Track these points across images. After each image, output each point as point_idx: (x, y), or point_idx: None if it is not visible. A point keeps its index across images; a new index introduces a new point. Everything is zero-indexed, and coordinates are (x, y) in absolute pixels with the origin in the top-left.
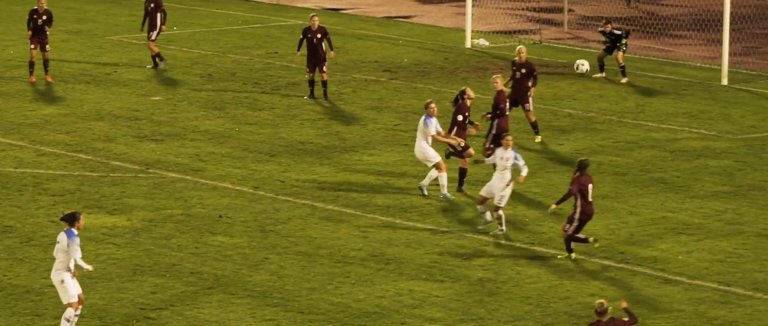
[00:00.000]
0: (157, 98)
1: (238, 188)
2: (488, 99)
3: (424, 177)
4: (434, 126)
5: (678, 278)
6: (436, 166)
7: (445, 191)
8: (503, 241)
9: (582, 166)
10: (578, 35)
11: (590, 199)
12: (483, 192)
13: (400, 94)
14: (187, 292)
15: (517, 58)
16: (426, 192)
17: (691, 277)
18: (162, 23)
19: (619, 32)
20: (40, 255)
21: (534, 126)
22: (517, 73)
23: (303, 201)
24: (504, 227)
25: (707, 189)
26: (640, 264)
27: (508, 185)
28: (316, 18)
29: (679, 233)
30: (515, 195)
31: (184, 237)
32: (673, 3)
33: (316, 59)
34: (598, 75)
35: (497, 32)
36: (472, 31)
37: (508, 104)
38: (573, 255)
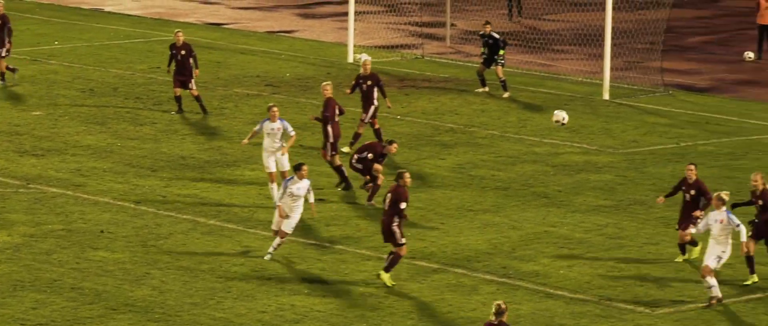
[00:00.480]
0: (37, 113)
1: (119, 203)
2: (355, 110)
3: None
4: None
5: (559, 292)
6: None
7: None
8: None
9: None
10: (460, 50)
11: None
12: (273, 226)
13: (282, 109)
14: (68, 308)
15: (362, 71)
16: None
17: (572, 291)
18: (8, 40)
19: (497, 36)
20: None
21: (377, 133)
22: (364, 85)
23: (185, 216)
24: (271, 254)
25: (589, 203)
26: (521, 278)
27: (297, 215)
28: (180, 34)
29: (561, 247)
30: None
31: (65, 252)
32: (554, 18)
33: (182, 75)
34: (480, 90)
35: (379, 47)
36: (354, 46)
37: (337, 111)
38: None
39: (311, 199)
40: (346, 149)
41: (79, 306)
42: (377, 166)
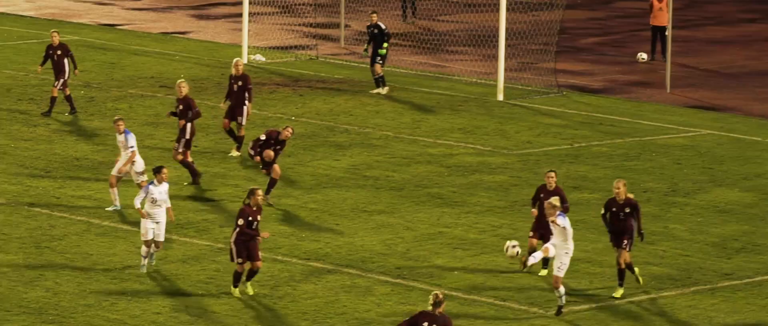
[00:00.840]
0: None
1: (12, 205)
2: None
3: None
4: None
5: (454, 293)
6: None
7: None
8: (280, 257)
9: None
10: (354, 51)
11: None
12: (143, 235)
13: None
14: None
15: (233, 71)
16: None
17: (467, 292)
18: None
19: (383, 26)
20: None
21: (238, 140)
22: (235, 86)
23: (79, 218)
24: (145, 265)
25: (483, 204)
26: (416, 279)
27: (164, 219)
28: (55, 34)
29: (455, 248)
30: (291, 212)
31: None
32: (448, 18)
33: (57, 75)
34: (376, 91)
35: (274, 48)
36: (249, 47)
37: (194, 110)
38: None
39: (168, 203)
40: (234, 153)
41: None
42: (268, 152)
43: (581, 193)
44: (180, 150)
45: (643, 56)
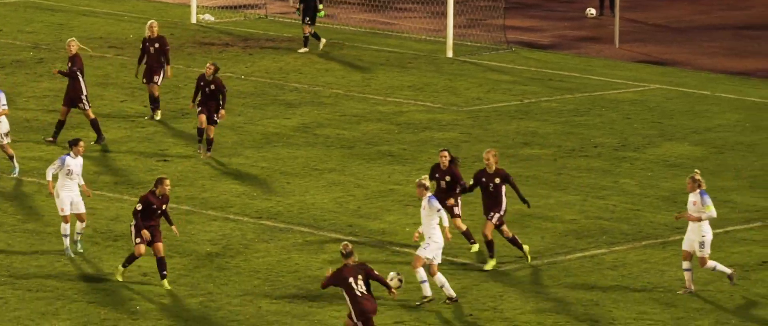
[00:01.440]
0: None
1: None
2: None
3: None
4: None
5: (405, 250)
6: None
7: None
8: (232, 216)
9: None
10: None
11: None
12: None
13: (126, 71)
14: None
15: (148, 33)
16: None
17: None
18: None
19: None
20: None
21: (155, 101)
22: (151, 48)
23: (30, 179)
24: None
25: (434, 161)
26: (368, 236)
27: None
28: None
29: (406, 205)
30: (242, 170)
31: None
32: None
33: None
34: (303, 50)
35: (223, 7)
36: (198, 7)
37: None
38: None
39: (81, 180)
40: (157, 116)
41: None
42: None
43: (532, 149)
44: (87, 105)
45: (592, 12)
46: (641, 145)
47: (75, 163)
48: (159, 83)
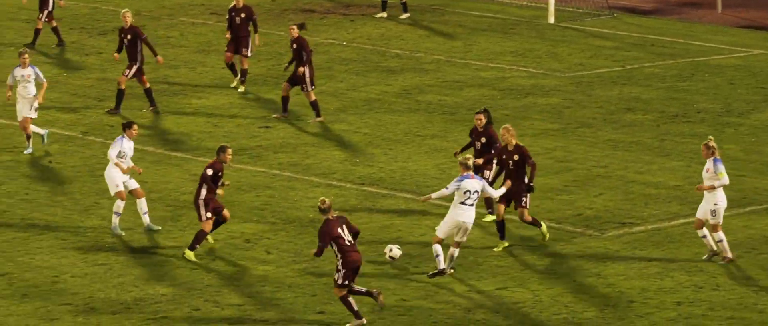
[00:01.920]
0: None
1: (67, 133)
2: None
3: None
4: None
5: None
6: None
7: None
8: (334, 182)
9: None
10: None
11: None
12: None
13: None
14: (18, 238)
15: (234, 3)
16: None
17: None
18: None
19: None
20: None
21: (243, 73)
22: (237, 18)
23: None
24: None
25: (536, 127)
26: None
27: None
28: None
29: None
30: (344, 137)
31: (14, 183)
32: None
33: (42, 6)
34: (381, 14)
35: None
36: None
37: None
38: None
39: (131, 163)
40: (239, 87)
41: (30, 236)
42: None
43: (634, 115)
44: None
45: None
46: (745, 110)
47: (129, 145)
48: (248, 55)
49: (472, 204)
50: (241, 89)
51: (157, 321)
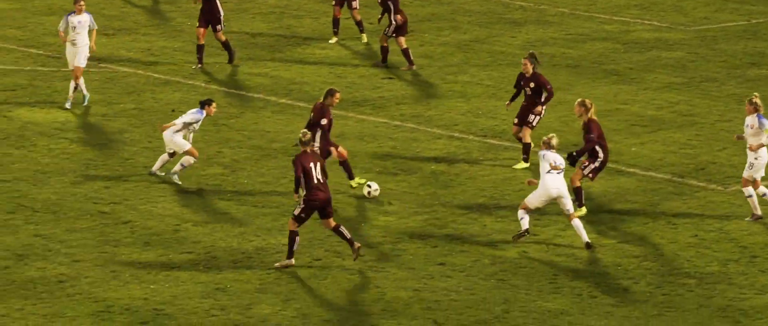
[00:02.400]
0: None
1: (190, 82)
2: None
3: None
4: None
5: (632, 169)
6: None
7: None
8: (457, 134)
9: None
10: None
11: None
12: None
13: None
14: (141, 187)
15: None
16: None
17: (644, 169)
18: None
19: None
20: None
21: (359, 24)
22: None
23: (256, 95)
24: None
25: (660, 81)
26: None
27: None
28: None
29: (633, 125)
30: (467, 89)
31: (137, 131)
32: None
33: None
34: None
35: None
36: None
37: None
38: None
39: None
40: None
41: (152, 184)
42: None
43: (759, 69)
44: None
45: None
46: None
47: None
48: (357, 7)
49: (560, 173)
50: (364, 39)
51: (277, 271)
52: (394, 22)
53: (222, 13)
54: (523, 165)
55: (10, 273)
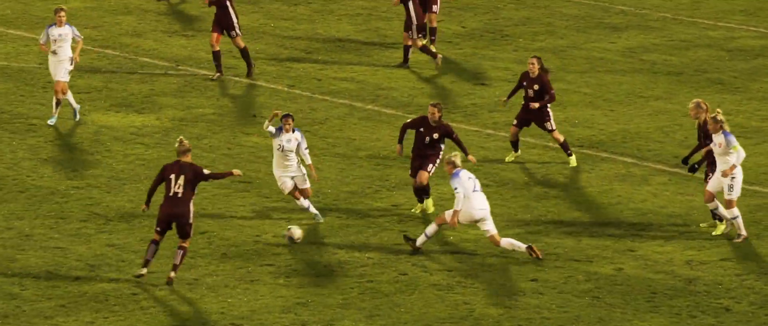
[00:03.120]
0: None
1: (272, 86)
2: None
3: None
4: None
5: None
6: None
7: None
8: (551, 144)
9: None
10: None
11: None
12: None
13: None
14: (219, 195)
15: None
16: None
17: (748, 183)
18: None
19: None
20: (64, 155)
21: (433, 32)
22: None
23: (341, 101)
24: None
25: (766, 90)
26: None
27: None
28: None
29: (737, 136)
30: (563, 97)
31: (216, 137)
32: None
33: None
34: None
35: None
36: None
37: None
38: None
39: (307, 160)
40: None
41: (231, 192)
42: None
43: None
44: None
45: None
46: None
47: (286, 138)
48: (437, 11)
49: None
50: (433, 48)
51: (361, 286)
52: (416, 22)
53: (235, 19)
54: (573, 161)
55: (82, 285)
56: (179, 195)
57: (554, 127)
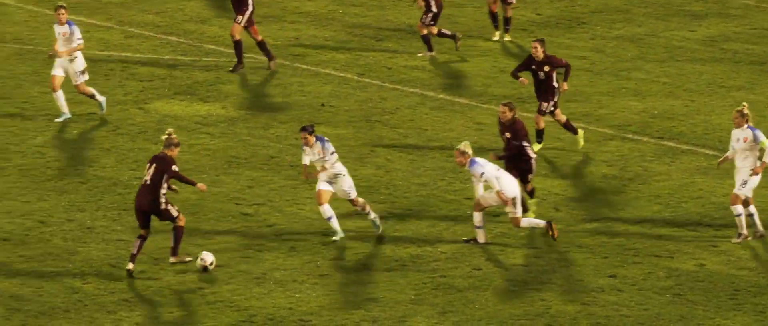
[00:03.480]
0: None
1: (341, 74)
2: None
3: None
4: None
5: None
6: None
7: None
8: (630, 136)
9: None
10: None
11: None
12: None
13: None
14: (287, 187)
15: None
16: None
17: None
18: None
19: None
20: (127, 145)
21: (508, 21)
22: None
23: (412, 90)
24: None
25: None
26: None
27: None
28: None
29: None
30: (642, 86)
31: (284, 127)
32: None
33: None
34: None
35: None
36: None
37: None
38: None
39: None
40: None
41: (299, 185)
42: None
43: None
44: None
45: None
46: None
47: (309, 153)
48: (514, 1)
49: None
50: (496, 36)
51: (434, 281)
52: (432, 11)
53: (250, 8)
54: (581, 141)
55: (146, 279)
56: (148, 183)
57: (550, 111)
